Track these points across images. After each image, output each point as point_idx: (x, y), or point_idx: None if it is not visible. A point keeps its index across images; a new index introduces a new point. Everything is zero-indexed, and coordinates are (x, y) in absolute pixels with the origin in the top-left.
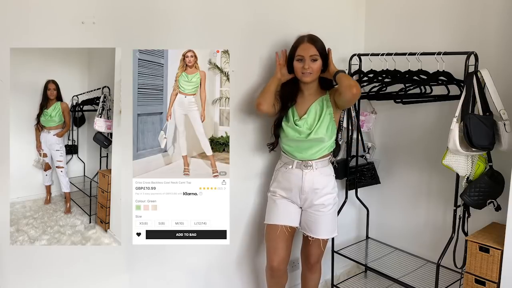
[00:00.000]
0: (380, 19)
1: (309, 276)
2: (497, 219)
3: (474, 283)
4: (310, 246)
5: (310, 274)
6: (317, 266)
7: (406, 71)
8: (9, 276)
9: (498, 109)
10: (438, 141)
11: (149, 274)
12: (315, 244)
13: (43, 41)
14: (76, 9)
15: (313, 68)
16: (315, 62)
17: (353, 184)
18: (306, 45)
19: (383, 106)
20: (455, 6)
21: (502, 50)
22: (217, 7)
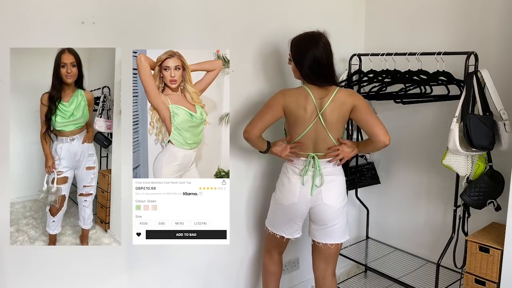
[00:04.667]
0: (380, 19)
1: None
2: (497, 219)
3: (474, 283)
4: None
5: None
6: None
7: (406, 71)
8: (9, 276)
9: (498, 109)
10: (438, 141)
11: (149, 274)
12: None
13: (43, 41)
14: (76, 9)
15: (291, 67)
16: (291, 62)
17: (353, 184)
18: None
19: (383, 106)
20: (455, 6)
21: (502, 50)
22: (217, 7)
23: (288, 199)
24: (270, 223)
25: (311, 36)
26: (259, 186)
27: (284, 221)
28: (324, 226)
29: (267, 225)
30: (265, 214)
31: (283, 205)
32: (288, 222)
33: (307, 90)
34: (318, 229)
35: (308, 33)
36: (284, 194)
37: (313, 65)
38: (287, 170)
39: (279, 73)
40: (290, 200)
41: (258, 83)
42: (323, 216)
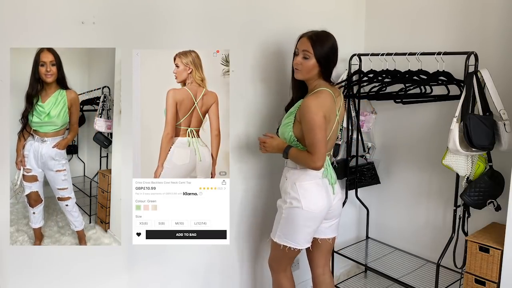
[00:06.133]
0: (380, 19)
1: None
2: (497, 219)
3: (474, 283)
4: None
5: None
6: (272, 275)
7: (406, 71)
8: (9, 276)
9: (498, 109)
10: (438, 141)
11: (149, 274)
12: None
13: (43, 41)
14: (76, 9)
15: (303, 66)
16: (306, 60)
17: (353, 184)
18: (304, 40)
19: (383, 106)
20: (455, 6)
21: (502, 50)
22: (217, 7)
23: (320, 205)
24: (292, 238)
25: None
26: (259, 186)
27: (313, 230)
28: (335, 219)
29: (287, 243)
30: (265, 214)
31: (315, 213)
32: (315, 229)
33: (329, 92)
34: (325, 226)
35: (326, 32)
36: (313, 201)
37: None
38: (305, 176)
39: (279, 73)
40: (321, 205)
41: (258, 83)
42: (339, 210)
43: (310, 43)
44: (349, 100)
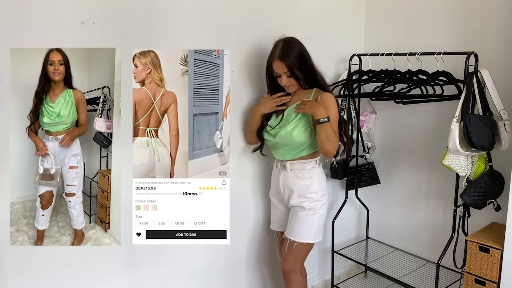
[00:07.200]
0: (380, 19)
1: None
2: (497, 219)
3: (474, 283)
4: (283, 247)
5: (284, 285)
6: (289, 277)
7: (406, 71)
8: (9, 276)
9: (498, 109)
10: (438, 141)
11: (149, 274)
12: (287, 245)
13: (43, 41)
14: (76, 9)
15: (291, 82)
16: (290, 78)
17: (353, 184)
18: (277, 63)
19: (383, 106)
20: (455, 6)
21: (502, 50)
22: (217, 7)
23: (272, 173)
24: (322, 232)
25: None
26: (259, 186)
27: (272, 209)
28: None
29: (318, 238)
30: (265, 214)
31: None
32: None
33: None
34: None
35: (286, 40)
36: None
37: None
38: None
39: None
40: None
41: (258, 83)
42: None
43: (284, 64)
44: (349, 100)
